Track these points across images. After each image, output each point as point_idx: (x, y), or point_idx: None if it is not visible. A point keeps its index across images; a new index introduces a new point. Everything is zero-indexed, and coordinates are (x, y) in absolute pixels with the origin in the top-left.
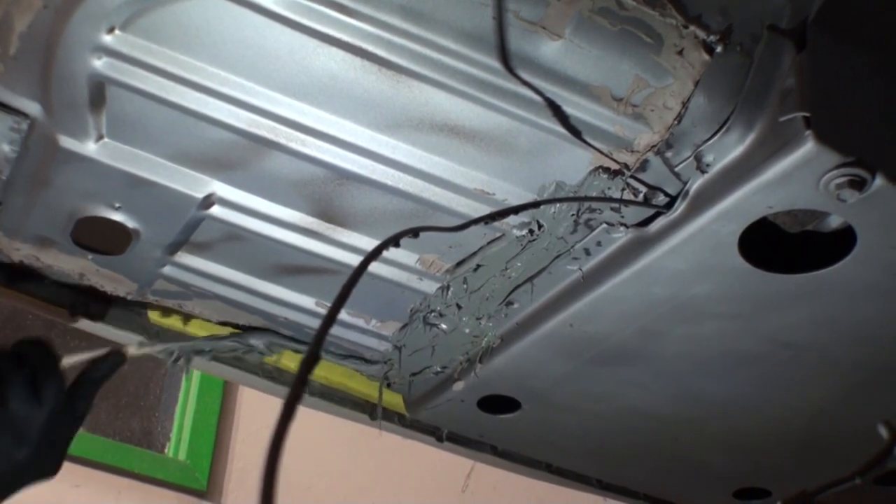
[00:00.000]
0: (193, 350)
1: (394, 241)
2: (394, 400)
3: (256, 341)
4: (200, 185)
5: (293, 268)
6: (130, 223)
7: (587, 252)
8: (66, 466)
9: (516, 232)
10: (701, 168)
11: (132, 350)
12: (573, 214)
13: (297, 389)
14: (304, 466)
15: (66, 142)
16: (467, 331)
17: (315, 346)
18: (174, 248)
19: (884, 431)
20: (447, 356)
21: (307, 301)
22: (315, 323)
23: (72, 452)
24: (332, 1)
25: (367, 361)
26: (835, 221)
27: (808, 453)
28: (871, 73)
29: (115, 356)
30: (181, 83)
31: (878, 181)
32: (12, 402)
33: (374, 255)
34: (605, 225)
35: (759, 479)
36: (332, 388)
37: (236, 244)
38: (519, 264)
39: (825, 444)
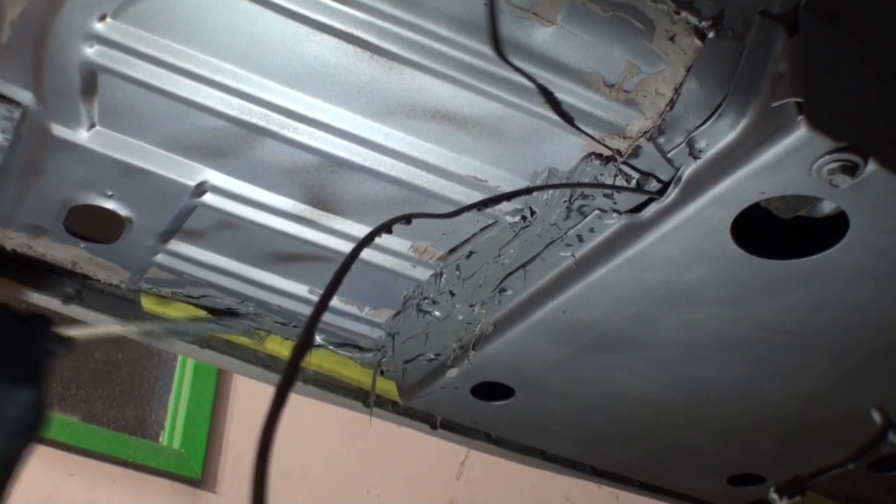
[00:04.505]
0: (169, 331)
1: (386, 228)
2: (387, 387)
3: (236, 324)
4: (193, 172)
5: (286, 255)
6: (123, 211)
7: (580, 238)
8: (60, 455)
9: (509, 219)
10: (693, 154)
11: (119, 329)
12: (566, 201)
13: (289, 375)
14: (298, 454)
15: (59, 130)
16: (461, 318)
17: (307, 332)
18: (167, 236)
19: (877, 416)
20: (441, 343)
21: (300, 289)
22: (308, 311)
23: (66, 441)
24: None
25: (360, 349)
26: (827, 207)
27: (801, 439)
28: (863, 59)
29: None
30: (173, 71)
31: (871, 166)
32: None
33: (366, 241)
34: (597, 211)
35: (753, 464)
36: (326, 375)
37: (229, 232)
38: (512, 251)
39: (819, 429)
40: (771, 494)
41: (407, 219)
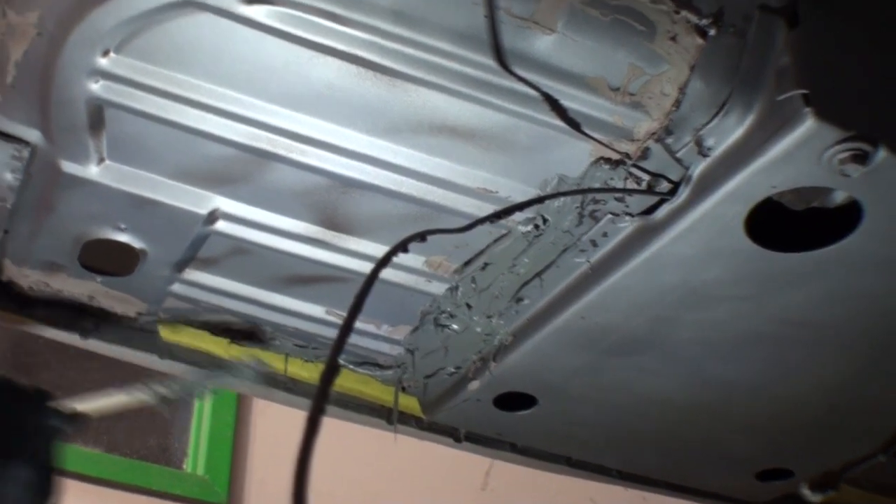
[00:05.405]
0: (183, 389)
1: (402, 247)
2: (410, 403)
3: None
4: (204, 201)
5: (301, 278)
6: (137, 243)
7: (594, 243)
8: (85, 487)
9: (522, 228)
10: (702, 152)
11: (131, 398)
12: (577, 207)
13: (319, 402)
14: (323, 472)
15: (69, 166)
16: (479, 330)
17: (333, 358)
18: (182, 265)
19: None
20: (460, 356)
21: (317, 310)
22: (326, 331)
23: (90, 473)
24: (323, 10)
25: (380, 367)
26: (840, 196)
27: (827, 430)
28: (866, 46)
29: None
30: (178, 101)
31: (881, 153)
32: None
33: (384, 262)
34: (610, 215)
35: (780, 459)
36: (348, 395)
37: (243, 258)
38: (526, 260)
39: (844, 420)
40: (803, 490)
41: (422, 236)
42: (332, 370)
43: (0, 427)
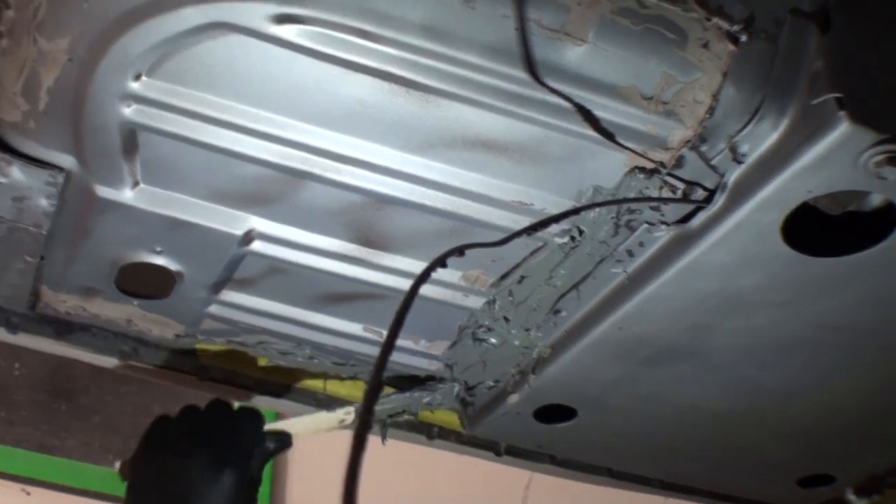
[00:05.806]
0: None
1: (441, 262)
2: (449, 418)
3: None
4: (239, 221)
5: (338, 296)
6: (173, 266)
7: (630, 253)
8: None
9: (558, 240)
10: (737, 159)
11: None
12: (613, 217)
13: (365, 419)
14: (363, 488)
15: (103, 191)
16: (517, 343)
17: (377, 376)
18: (218, 286)
19: None
20: (499, 370)
21: (355, 328)
22: (364, 349)
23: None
24: (354, 28)
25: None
26: (876, 199)
27: (868, 435)
28: None
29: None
30: (211, 123)
31: None
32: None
33: (424, 277)
34: (645, 225)
35: (822, 465)
36: None
37: (280, 277)
38: (563, 272)
39: (883, 424)
40: (849, 496)
41: (460, 251)
42: (376, 388)
43: (221, 440)
